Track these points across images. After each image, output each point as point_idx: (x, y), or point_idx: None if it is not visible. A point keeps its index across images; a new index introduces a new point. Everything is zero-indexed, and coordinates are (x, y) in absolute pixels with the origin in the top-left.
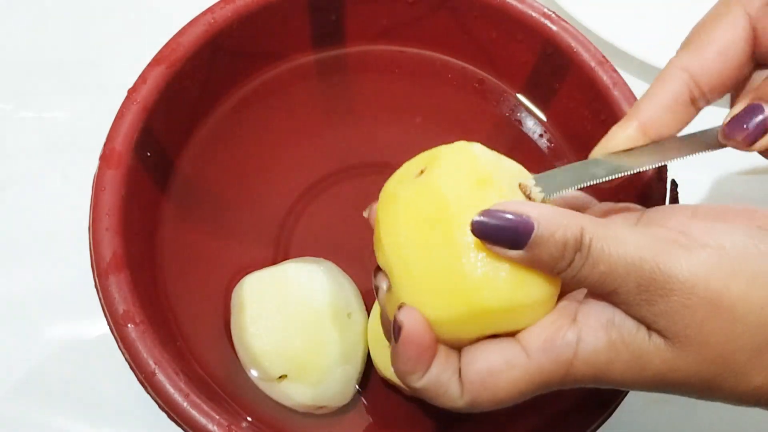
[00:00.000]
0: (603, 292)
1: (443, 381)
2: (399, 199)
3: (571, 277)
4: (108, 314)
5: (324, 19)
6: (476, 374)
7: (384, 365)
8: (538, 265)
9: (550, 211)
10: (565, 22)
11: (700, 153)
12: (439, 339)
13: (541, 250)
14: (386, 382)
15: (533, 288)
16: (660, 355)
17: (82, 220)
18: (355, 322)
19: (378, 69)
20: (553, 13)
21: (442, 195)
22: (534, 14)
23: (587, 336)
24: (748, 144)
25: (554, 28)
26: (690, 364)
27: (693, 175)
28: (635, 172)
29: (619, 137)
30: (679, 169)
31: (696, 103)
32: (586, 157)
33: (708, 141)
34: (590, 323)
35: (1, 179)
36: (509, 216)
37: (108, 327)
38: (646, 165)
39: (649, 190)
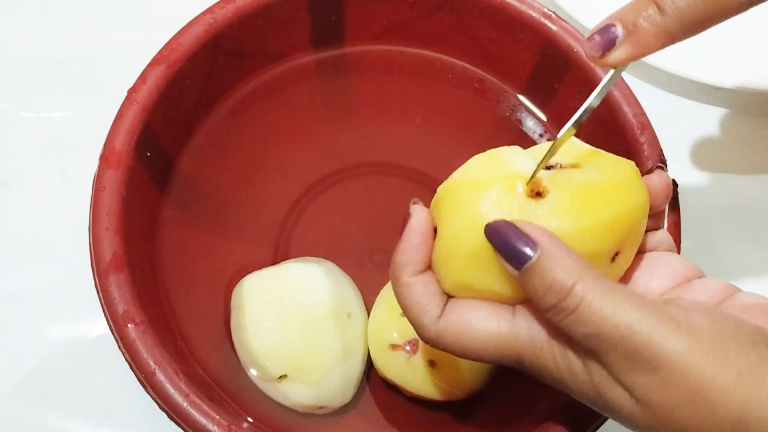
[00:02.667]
0: (586, 349)
1: (429, 293)
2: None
3: (555, 323)
4: (108, 314)
5: (324, 19)
6: (460, 308)
7: (384, 365)
8: (527, 293)
9: (559, 250)
10: (565, 22)
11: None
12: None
13: (528, 281)
14: (386, 382)
15: None
16: (621, 403)
17: (82, 220)
18: (355, 322)
19: (378, 69)
20: (553, 13)
21: None
22: (534, 14)
23: (566, 353)
24: (598, 56)
25: (554, 28)
26: (649, 429)
27: (693, 175)
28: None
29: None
30: (679, 170)
31: None
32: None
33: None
34: (577, 359)
35: (1, 179)
36: (516, 235)
37: (108, 327)
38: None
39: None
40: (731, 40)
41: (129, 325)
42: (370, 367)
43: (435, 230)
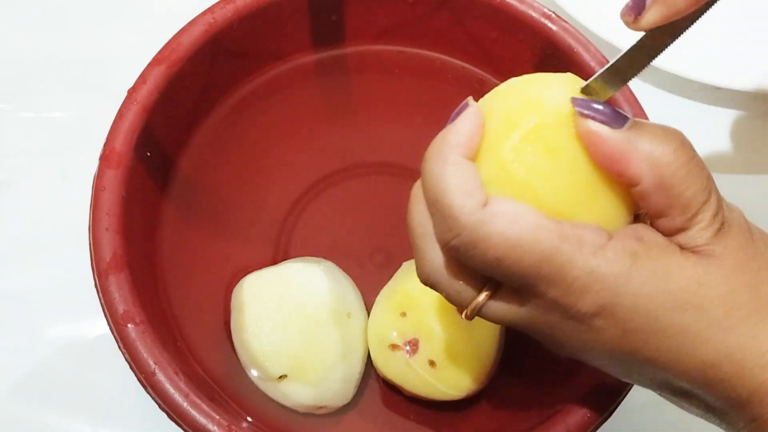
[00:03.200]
0: (698, 196)
1: (477, 178)
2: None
3: (669, 164)
4: (108, 314)
5: (324, 19)
6: (506, 202)
7: (384, 365)
8: (637, 151)
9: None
10: (565, 22)
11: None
12: None
13: (644, 129)
14: (386, 382)
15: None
16: (691, 271)
17: (82, 220)
18: (355, 322)
19: (378, 69)
20: (553, 13)
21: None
22: (534, 14)
23: (617, 240)
24: (631, 21)
25: (554, 28)
26: (719, 285)
27: None
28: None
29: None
30: None
31: None
32: None
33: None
34: (623, 233)
35: (1, 179)
36: (603, 104)
37: (108, 327)
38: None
39: None
40: (732, 40)
41: (129, 325)
42: (370, 367)
43: None
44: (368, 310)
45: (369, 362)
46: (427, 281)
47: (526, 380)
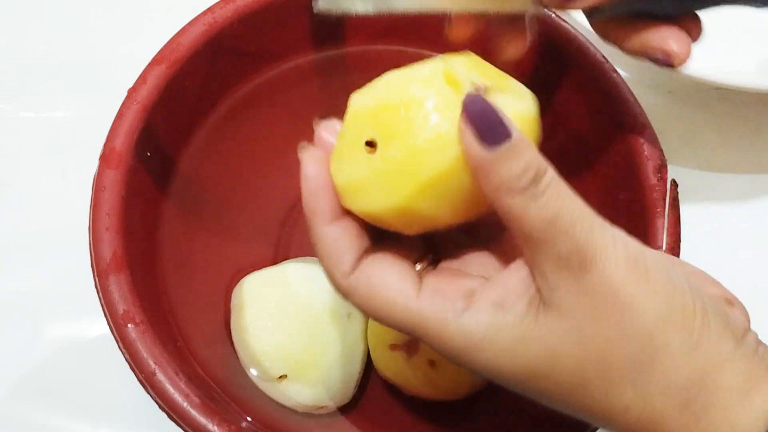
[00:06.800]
0: (534, 240)
1: (340, 247)
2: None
3: (518, 208)
4: (108, 314)
5: (324, 19)
6: (370, 271)
7: (384, 365)
8: (491, 176)
9: (528, 139)
10: (565, 22)
11: None
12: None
13: (505, 159)
14: (386, 382)
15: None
16: (542, 340)
17: (82, 220)
18: (355, 323)
19: (378, 69)
20: (553, 12)
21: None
22: None
23: (473, 310)
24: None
25: (554, 27)
26: (569, 355)
27: (693, 175)
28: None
29: None
30: (679, 170)
31: None
32: (584, 158)
33: None
34: (483, 298)
35: (1, 179)
36: (498, 113)
37: (108, 327)
38: None
39: (649, 191)
40: (731, 39)
41: (129, 325)
42: (370, 367)
43: (370, 143)
44: None
45: (369, 362)
46: None
47: None
